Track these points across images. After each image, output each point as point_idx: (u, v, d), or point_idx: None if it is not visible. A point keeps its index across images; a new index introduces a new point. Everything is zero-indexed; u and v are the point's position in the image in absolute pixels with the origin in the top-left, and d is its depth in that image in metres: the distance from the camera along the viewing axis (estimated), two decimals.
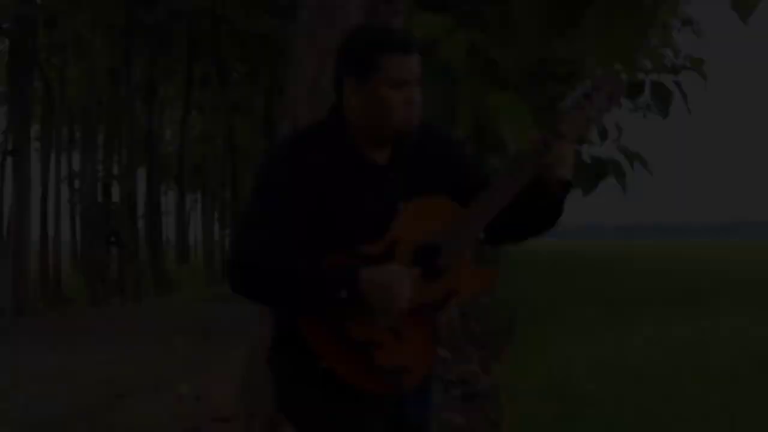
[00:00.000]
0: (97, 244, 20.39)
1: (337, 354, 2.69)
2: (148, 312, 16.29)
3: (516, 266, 25.83)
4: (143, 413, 6.35)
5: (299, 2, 4.60)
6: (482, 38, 6.79)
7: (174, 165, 34.28)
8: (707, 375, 7.43)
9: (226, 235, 34.44)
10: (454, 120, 4.20)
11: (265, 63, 30.11)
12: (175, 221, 33.32)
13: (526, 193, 2.85)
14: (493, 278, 2.90)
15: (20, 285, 17.79)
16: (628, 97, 8.06)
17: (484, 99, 4.26)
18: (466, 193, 2.85)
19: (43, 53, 26.56)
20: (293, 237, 2.70)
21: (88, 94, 20.46)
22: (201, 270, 30.09)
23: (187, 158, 28.37)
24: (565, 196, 2.85)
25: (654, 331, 9.59)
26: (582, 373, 7.06)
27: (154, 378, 8.77)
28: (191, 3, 23.18)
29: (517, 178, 2.77)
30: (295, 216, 2.70)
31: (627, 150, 7.37)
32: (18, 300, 17.66)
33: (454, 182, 2.93)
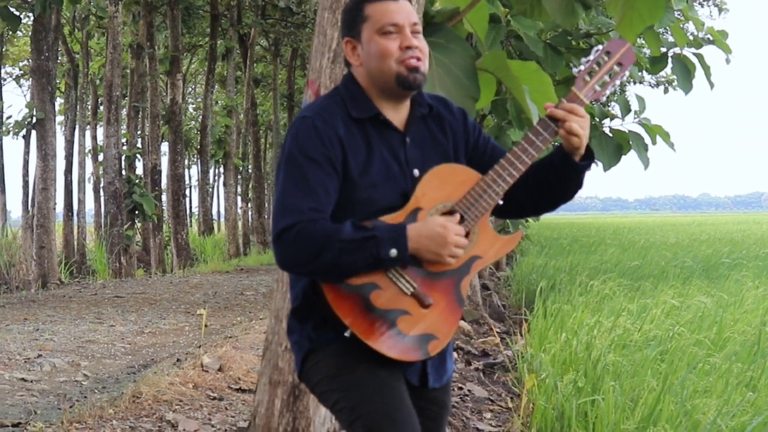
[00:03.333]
0: (121, 216, 20.48)
1: (363, 322, 2.70)
2: (172, 284, 16.38)
3: (536, 239, 25.75)
4: (166, 383, 6.41)
5: None
6: (505, 10, 6.79)
7: (197, 138, 34.40)
8: (728, 347, 7.42)
9: (249, 208, 34.50)
10: (475, 91, 4.19)
11: (287, 36, 30.12)
12: (199, 194, 33.46)
13: (547, 164, 2.87)
14: (516, 241, 2.92)
15: (45, 257, 17.94)
16: (650, 72, 8.01)
17: (507, 71, 4.25)
18: (479, 166, 2.87)
19: (66, 27, 26.68)
20: (331, 204, 2.74)
21: (111, 67, 20.44)
22: (224, 242, 30.20)
23: (210, 131, 28.38)
24: (586, 168, 2.85)
25: (675, 303, 9.57)
26: (603, 345, 7.06)
27: (177, 348, 8.85)
28: None
29: (534, 145, 2.78)
30: (331, 183, 2.73)
31: (649, 123, 7.34)
32: (42, 272, 17.82)
33: (468, 154, 2.95)
